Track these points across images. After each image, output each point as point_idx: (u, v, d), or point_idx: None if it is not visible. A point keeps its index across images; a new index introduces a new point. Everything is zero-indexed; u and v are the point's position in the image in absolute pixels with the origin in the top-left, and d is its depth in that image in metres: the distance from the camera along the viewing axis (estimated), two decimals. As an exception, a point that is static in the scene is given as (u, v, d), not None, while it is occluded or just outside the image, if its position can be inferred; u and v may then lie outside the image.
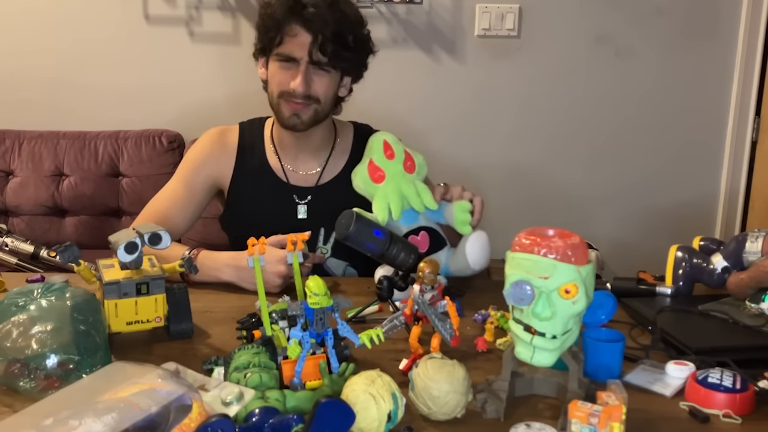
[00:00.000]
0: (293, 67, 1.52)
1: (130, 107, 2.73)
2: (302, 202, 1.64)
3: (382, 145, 1.45)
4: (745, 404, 1.00)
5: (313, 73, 1.53)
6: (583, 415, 0.86)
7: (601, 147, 2.79)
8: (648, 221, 2.82)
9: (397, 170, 1.44)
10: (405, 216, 1.44)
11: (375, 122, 1.82)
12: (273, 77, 1.56)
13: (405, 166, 1.46)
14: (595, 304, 0.98)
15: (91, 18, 2.68)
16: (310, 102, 1.54)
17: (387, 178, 1.44)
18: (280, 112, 1.57)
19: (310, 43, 1.50)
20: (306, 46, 1.50)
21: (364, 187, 1.45)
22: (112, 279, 1.16)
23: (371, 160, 1.45)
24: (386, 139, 1.46)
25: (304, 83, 1.51)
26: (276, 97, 1.56)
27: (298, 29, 1.50)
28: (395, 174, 1.44)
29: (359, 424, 0.88)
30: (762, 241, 1.37)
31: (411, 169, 1.47)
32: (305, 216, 1.63)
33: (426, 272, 1.10)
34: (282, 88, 1.54)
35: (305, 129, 1.58)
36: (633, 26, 2.70)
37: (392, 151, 1.45)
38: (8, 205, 2.60)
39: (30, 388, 1.00)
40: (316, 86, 1.54)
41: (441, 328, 1.10)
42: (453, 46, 2.71)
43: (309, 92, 1.53)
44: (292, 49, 1.51)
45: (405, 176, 1.45)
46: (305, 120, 1.56)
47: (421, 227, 1.45)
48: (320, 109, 1.57)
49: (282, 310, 1.09)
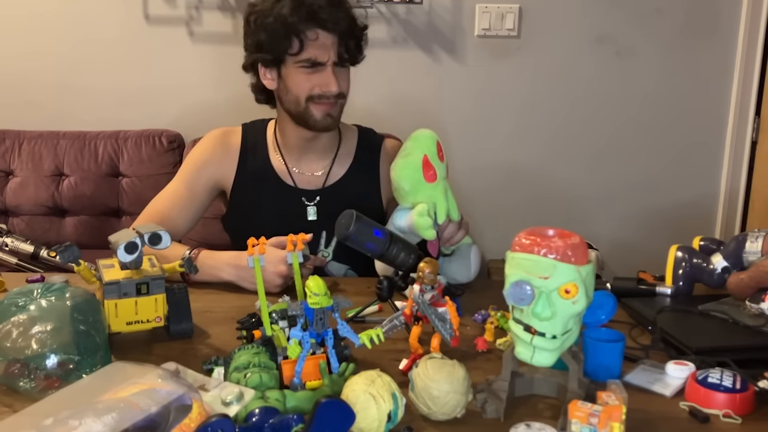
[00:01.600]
0: (318, 71, 1.51)
1: (130, 107, 2.73)
2: (311, 203, 1.63)
3: (436, 145, 1.38)
4: (745, 404, 1.00)
5: (337, 71, 1.54)
6: (583, 415, 0.86)
7: (601, 147, 2.80)
8: (648, 221, 2.82)
9: (444, 174, 1.40)
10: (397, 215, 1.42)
11: (375, 122, 1.82)
12: (297, 84, 1.53)
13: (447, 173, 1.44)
14: (595, 304, 0.98)
15: (91, 18, 2.68)
16: (339, 99, 1.56)
17: (438, 179, 1.36)
18: (310, 116, 1.55)
19: (335, 44, 1.50)
20: (329, 47, 1.50)
21: (411, 182, 1.35)
22: (112, 279, 1.16)
23: (426, 157, 1.35)
24: (437, 140, 1.40)
25: (338, 83, 1.52)
26: (304, 102, 1.54)
27: (318, 32, 1.49)
28: (443, 177, 1.39)
29: (359, 424, 0.88)
30: (762, 241, 1.37)
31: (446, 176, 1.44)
32: (315, 217, 1.63)
33: (426, 272, 1.10)
34: (312, 92, 1.52)
35: (336, 126, 1.61)
36: (633, 26, 2.70)
37: (443, 153, 1.39)
38: (8, 205, 2.60)
39: (30, 388, 1.00)
40: (342, 83, 1.55)
41: (441, 328, 1.10)
42: (453, 46, 2.71)
43: (341, 90, 1.54)
44: (316, 54, 1.50)
45: (447, 182, 1.41)
46: (336, 117, 1.58)
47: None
48: (344, 103, 1.59)
49: (282, 310, 1.09)
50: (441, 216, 1.37)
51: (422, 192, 1.36)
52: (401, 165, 1.38)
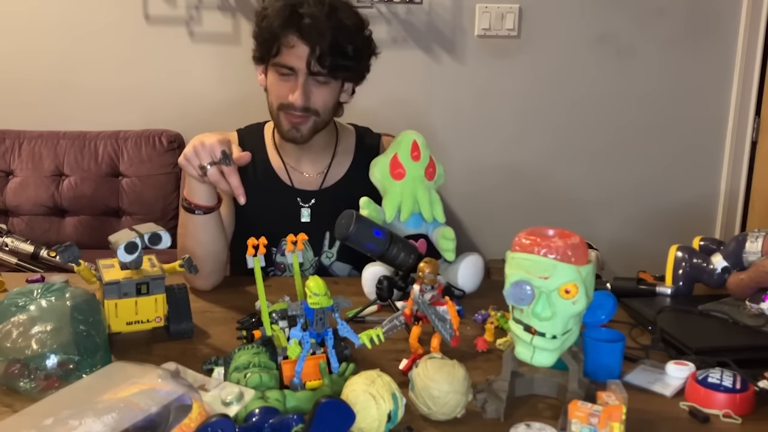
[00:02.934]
0: (291, 79, 1.50)
1: (130, 107, 2.73)
2: (306, 205, 1.63)
3: (410, 145, 1.43)
4: (745, 404, 1.00)
5: (312, 84, 1.50)
6: (583, 415, 0.86)
7: (601, 147, 2.80)
8: (648, 221, 2.83)
9: (417, 173, 1.43)
10: (411, 219, 1.43)
11: (375, 122, 1.82)
12: (272, 88, 1.54)
13: (426, 172, 1.44)
14: (595, 304, 0.98)
15: (91, 18, 2.68)
16: (309, 114, 1.53)
17: (406, 178, 1.42)
18: (279, 124, 1.56)
19: (308, 54, 1.47)
20: (304, 57, 1.47)
21: (380, 179, 1.44)
22: (112, 279, 1.16)
23: (396, 155, 1.43)
24: (416, 139, 1.44)
25: (303, 96, 1.49)
26: (275, 109, 1.54)
27: (296, 40, 1.47)
28: (415, 176, 1.42)
29: (359, 424, 0.88)
30: (762, 241, 1.37)
31: (431, 176, 1.45)
32: (309, 219, 1.62)
33: (426, 272, 1.10)
34: (281, 101, 1.52)
35: (305, 141, 1.57)
36: (633, 26, 2.70)
37: (419, 153, 1.43)
38: (8, 205, 2.60)
39: (30, 388, 1.00)
40: (315, 98, 1.51)
41: (441, 328, 1.10)
42: (453, 46, 2.71)
43: (308, 105, 1.51)
44: (289, 60, 1.49)
45: (423, 181, 1.43)
46: (305, 133, 1.55)
47: (422, 234, 1.45)
48: (320, 120, 1.55)
49: (282, 310, 1.09)
50: (405, 213, 1.40)
51: (390, 188, 1.42)
52: (374, 162, 1.46)
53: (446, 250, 1.40)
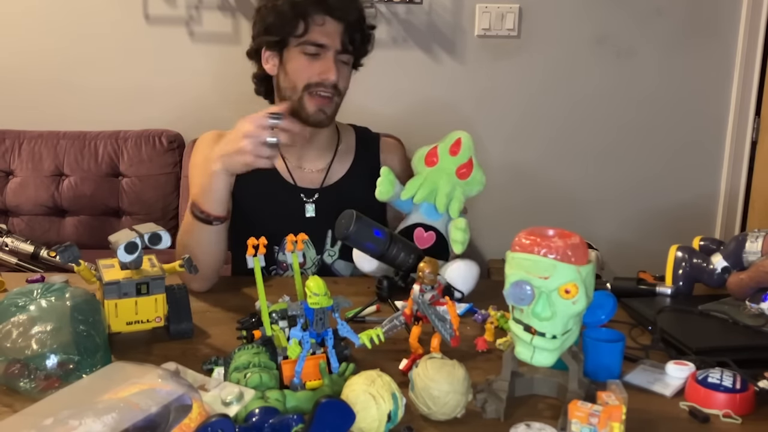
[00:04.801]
0: (319, 59, 1.50)
1: (130, 107, 2.73)
2: (310, 200, 1.63)
3: (453, 140, 1.48)
4: (745, 404, 1.00)
5: (339, 64, 1.52)
6: (583, 415, 0.86)
7: (601, 147, 2.80)
8: (648, 221, 2.82)
9: (448, 167, 1.46)
10: (428, 209, 1.45)
11: (375, 122, 1.82)
12: (297, 70, 1.52)
13: (458, 170, 1.47)
14: (595, 304, 0.97)
15: (91, 18, 2.68)
16: (335, 94, 1.53)
17: (436, 167, 1.46)
18: (303, 107, 1.53)
19: (341, 32, 1.49)
20: (334, 35, 1.49)
21: (416, 163, 1.50)
22: (112, 279, 1.16)
23: (437, 146, 1.48)
24: (462, 137, 1.48)
25: (337, 72, 1.50)
26: (300, 91, 1.52)
27: (326, 18, 1.49)
28: (444, 169, 1.46)
29: (359, 424, 0.88)
30: (762, 241, 1.37)
31: (463, 176, 1.47)
32: (314, 214, 1.62)
33: (426, 272, 1.10)
34: (310, 80, 1.50)
35: (329, 124, 1.58)
36: (633, 26, 2.70)
37: (458, 149, 1.47)
38: (8, 205, 2.60)
39: (30, 388, 1.00)
40: (341, 77, 1.53)
41: (441, 328, 1.10)
42: (453, 46, 2.71)
43: (338, 82, 1.52)
44: (320, 38, 1.49)
45: (451, 176, 1.46)
46: (329, 114, 1.55)
47: (434, 227, 1.45)
48: (340, 102, 1.57)
49: (282, 310, 1.09)
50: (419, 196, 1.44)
51: (419, 174, 1.48)
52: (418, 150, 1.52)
53: (455, 240, 1.41)
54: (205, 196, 1.39)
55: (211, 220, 1.39)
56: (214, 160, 1.38)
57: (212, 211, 1.39)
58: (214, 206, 1.39)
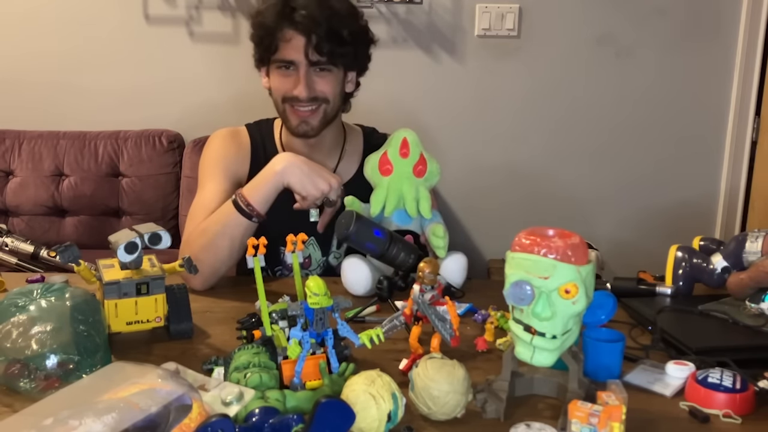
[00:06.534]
0: (293, 73, 1.52)
1: (130, 107, 2.73)
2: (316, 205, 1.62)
3: (400, 142, 1.45)
4: (745, 404, 1.00)
5: (315, 74, 1.52)
6: (583, 415, 0.86)
7: (601, 147, 2.80)
8: (648, 221, 2.82)
9: (405, 170, 1.44)
10: (399, 215, 1.44)
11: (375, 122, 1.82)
12: (275, 86, 1.56)
13: (415, 169, 1.45)
14: (595, 304, 0.98)
15: (91, 18, 2.68)
16: (317, 104, 1.53)
17: (393, 174, 1.44)
18: (287, 120, 1.57)
19: (305, 44, 1.49)
20: (301, 48, 1.49)
21: (370, 175, 1.47)
22: (112, 279, 1.16)
23: (385, 153, 1.45)
24: (407, 137, 1.46)
25: (307, 87, 1.51)
26: (281, 104, 1.56)
27: (291, 33, 1.49)
28: (402, 173, 1.44)
29: (359, 424, 0.88)
30: (762, 241, 1.37)
31: (420, 173, 1.45)
32: (317, 219, 1.62)
33: (426, 272, 1.10)
34: (285, 95, 1.53)
35: (316, 134, 1.57)
36: (633, 26, 2.70)
37: (408, 150, 1.45)
38: (8, 205, 2.60)
39: (30, 388, 1.00)
40: (320, 87, 1.53)
41: (441, 328, 1.10)
42: (453, 46, 2.71)
43: (314, 94, 1.52)
44: (288, 54, 1.50)
45: (410, 178, 1.44)
46: (315, 126, 1.56)
47: (410, 231, 1.45)
48: (329, 108, 1.56)
49: (282, 310, 1.09)
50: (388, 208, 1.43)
51: (378, 184, 1.45)
52: (367, 159, 1.49)
53: (437, 247, 1.41)
54: (258, 191, 1.45)
55: (253, 215, 1.44)
56: (278, 162, 1.46)
57: (257, 207, 1.44)
58: (261, 204, 1.45)
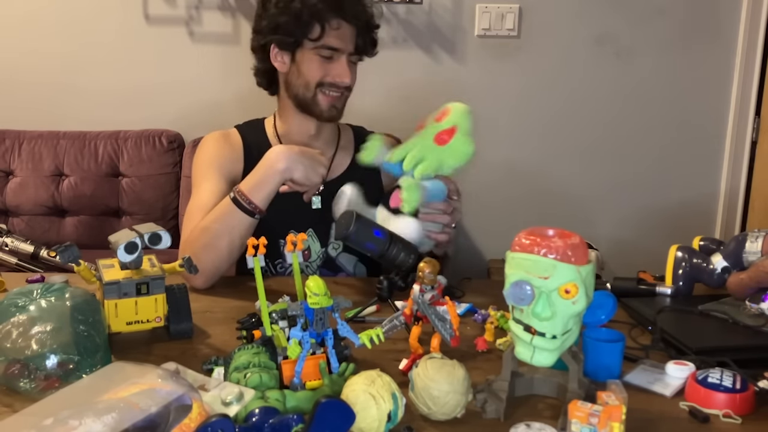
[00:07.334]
0: (333, 61, 1.56)
1: (130, 107, 2.73)
2: (316, 192, 1.63)
3: (441, 109, 1.45)
4: (745, 404, 1.00)
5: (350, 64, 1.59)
6: (583, 415, 0.86)
7: (601, 147, 2.80)
8: (648, 221, 2.82)
9: (429, 132, 1.41)
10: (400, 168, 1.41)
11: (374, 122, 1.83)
12: (311, 70, 1.56)
13: (438, 135, 1.40)
14: (595, 304, 0.98)
15: (91, 18, 2.68)
16: (345, 91, 1.60)
17: (420, 133, 1.43)
18: (316, 104, 1.59)
19: (354, 36, 1.56)
20: (348, 38, 1.55)
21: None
22: (112, 279, 1.16)
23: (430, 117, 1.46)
24: (449, 106, 1.44)
25: (352, 75, 1.58)
26: (313, 88, 1.57)
27: (340, 22, 1.54)
28: (426, 134, 1.42)
29: (359, 424, 0.88)
30: (762, 241, 1.37)
31: (441, 142, 1.40)
32: (320, 206, 1.63)
33: (426, 272, 1.10)
34: (322, 80, 1.56)
35: (340, 117, 1.64)
36: (633, 26, 2.70)
37: (442, 118, 1.43)
38: (8, 205, 2.60)
39: (30, 388, 1.00)
40: (353, 77, 1.60)
41: (441, 328, 1.10)
42: (453, 46, 2.71)
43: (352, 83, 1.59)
44: (335, 42, 1.54)
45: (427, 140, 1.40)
46: (340, 109, 1.62)
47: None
48: (348, 96, 1.63)
49: (282, 310, 1.09)
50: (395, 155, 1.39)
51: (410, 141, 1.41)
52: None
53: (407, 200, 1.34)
54: (259, 189, 1.46)
55: (255, 212, 1.45)
56: (279, 160, 1.46)
57: (259, 204, 1.46)
58: (264, 201, 1.46)
